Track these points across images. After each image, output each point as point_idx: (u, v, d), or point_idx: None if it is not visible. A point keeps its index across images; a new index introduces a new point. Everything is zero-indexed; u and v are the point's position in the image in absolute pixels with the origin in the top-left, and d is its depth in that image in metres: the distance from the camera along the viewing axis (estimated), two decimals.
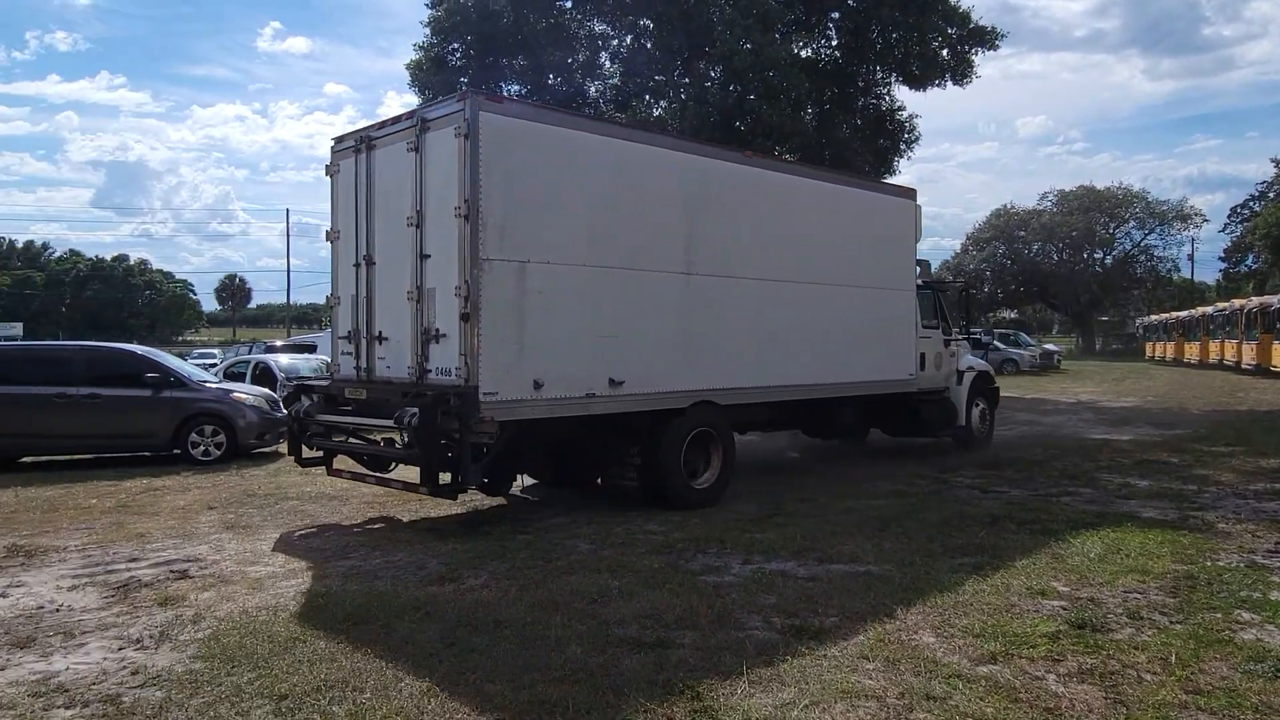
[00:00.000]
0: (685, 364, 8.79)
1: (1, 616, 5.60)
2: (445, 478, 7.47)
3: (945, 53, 24.19)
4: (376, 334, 8.40)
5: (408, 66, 24.69)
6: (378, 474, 8.63)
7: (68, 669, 4.67)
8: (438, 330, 7.61)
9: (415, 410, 7.20)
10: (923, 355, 12.08)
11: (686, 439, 8.72)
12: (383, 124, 8.34)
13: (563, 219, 7.88)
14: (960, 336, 13.01)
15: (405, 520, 8.60)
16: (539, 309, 7.62)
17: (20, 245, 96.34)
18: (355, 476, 8.85)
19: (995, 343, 36.65)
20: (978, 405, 13.06)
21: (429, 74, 24.02)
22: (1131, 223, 61.02)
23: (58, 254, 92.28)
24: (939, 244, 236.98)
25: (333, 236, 8.93)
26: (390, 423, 7.53)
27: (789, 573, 6.39)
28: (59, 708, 4.16)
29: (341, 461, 9.23)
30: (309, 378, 12.66)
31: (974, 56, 24.18)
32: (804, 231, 10.22)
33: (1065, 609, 5.43)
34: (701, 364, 8.94)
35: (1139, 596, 5.71)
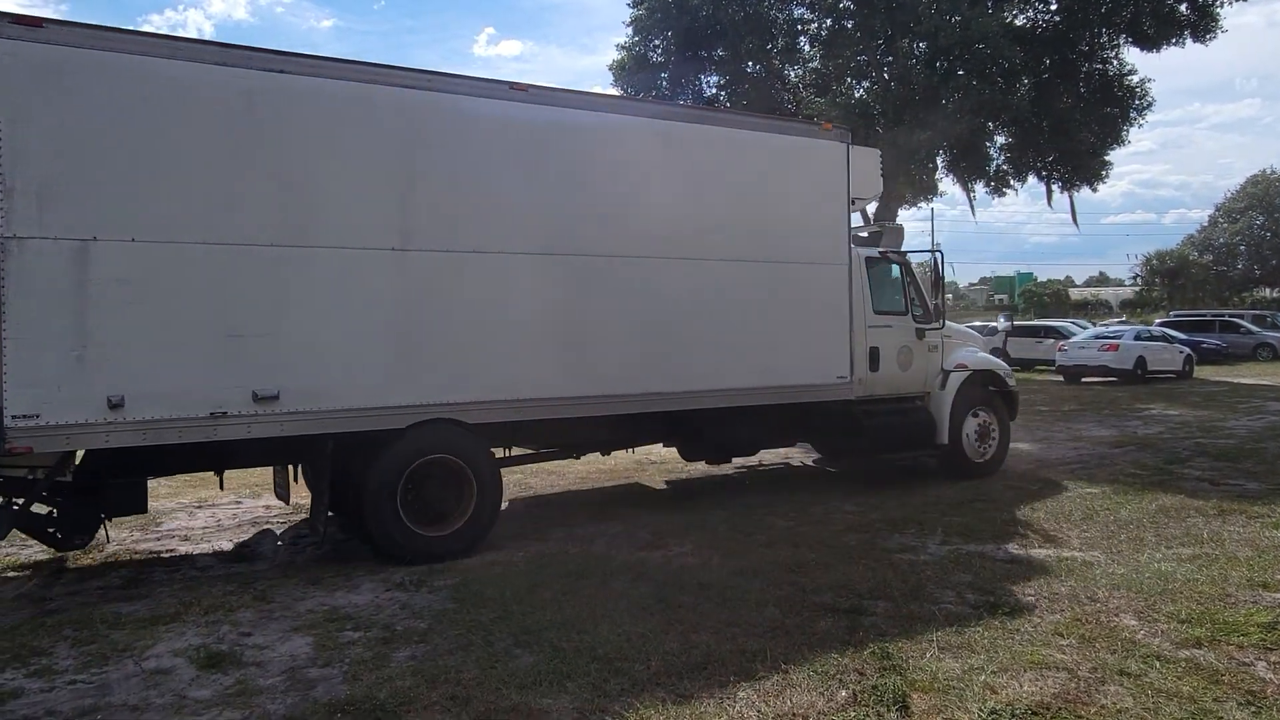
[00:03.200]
0: (400, 370, 6.71)
1: (294, 561, 6.82)
2: None
3: (1183, 7, 22.15)
4: None
5: (611, 67, 25.90)
6: None
7: (349, 603, 5.67)
8: None
9: None
10: (874, 350, 9.24)
11: (405, 471, 6.72)
12: None
13: (161, 182, 5.93)
14: (937, 325, 9.80)
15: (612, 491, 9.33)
16: (119, 303, 5.78)
17: None
18: None
19: (1248, 325, 32.88)
20: (975, 416, 9.81)
21: (631, 72, 25.09)
22: None
23: None
24: (1185, 215, 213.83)
25: None
26: None
27: (986, 554, 6.46)
28: (349, 630, 5.12)
29: None
30: None
31: (1219, 9, 22.00)
32: (623, 189, 7.70)
33: None
34: (433, 370, 6.83)
35: None
